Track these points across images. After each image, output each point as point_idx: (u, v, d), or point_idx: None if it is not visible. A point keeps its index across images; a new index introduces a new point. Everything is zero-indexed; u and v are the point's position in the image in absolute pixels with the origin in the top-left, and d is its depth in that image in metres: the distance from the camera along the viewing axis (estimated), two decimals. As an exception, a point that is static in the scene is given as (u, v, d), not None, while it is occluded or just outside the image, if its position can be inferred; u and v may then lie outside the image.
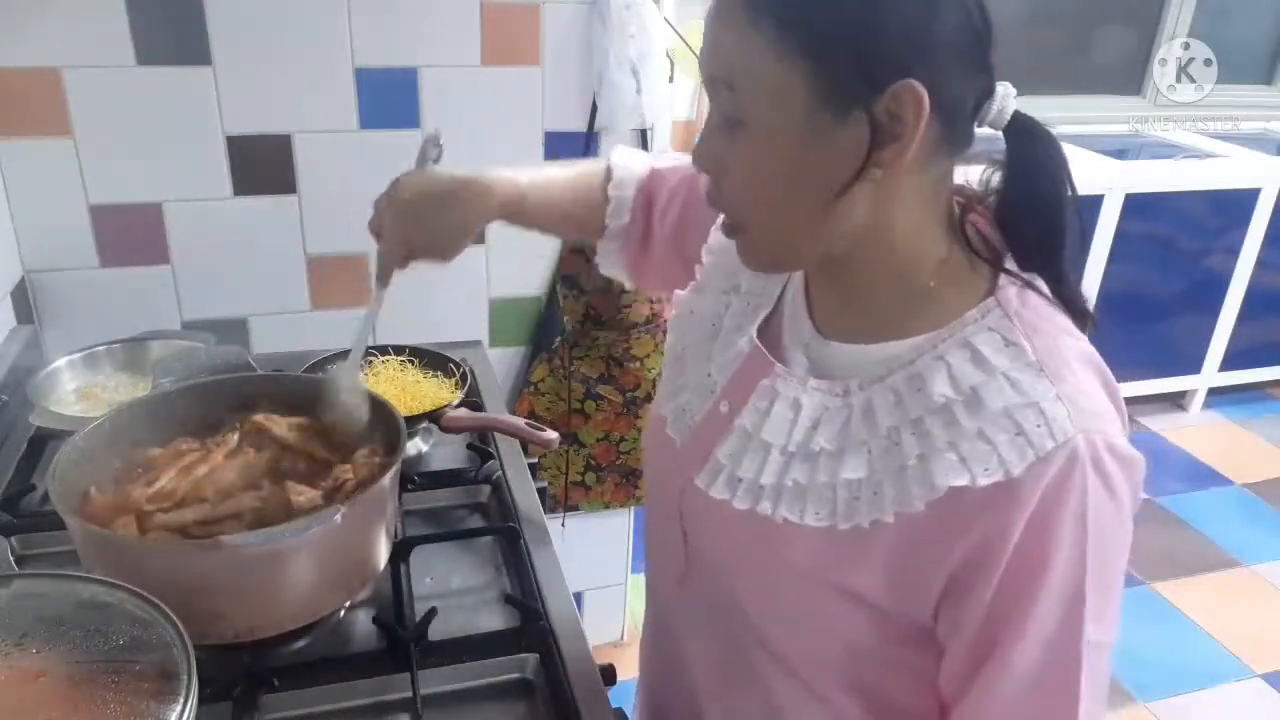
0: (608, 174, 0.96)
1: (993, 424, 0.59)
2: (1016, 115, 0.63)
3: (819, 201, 0.62)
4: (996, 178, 0.67)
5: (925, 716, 0.70)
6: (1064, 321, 0.65)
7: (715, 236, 0.84)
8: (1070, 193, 0.64)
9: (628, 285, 1.05)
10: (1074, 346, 0.63)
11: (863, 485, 0.65)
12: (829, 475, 0.66)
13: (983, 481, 0.59)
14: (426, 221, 0.90)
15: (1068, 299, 0.66)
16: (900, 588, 0.64)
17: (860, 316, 0.69)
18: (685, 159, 0.94)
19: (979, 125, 0.64)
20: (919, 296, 0.66)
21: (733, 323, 0.78)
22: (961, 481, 0.59)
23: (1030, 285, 0.65)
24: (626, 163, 0.97)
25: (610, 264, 1.01)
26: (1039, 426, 0.58)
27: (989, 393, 0.60)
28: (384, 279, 0.94)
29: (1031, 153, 0.64)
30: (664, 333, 1.16)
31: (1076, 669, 0.61)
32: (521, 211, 0.93)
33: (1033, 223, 0.65)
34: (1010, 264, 0.66)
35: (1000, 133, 0.65)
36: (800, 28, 0.58)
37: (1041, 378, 0.60)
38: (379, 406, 0.98)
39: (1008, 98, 0.63)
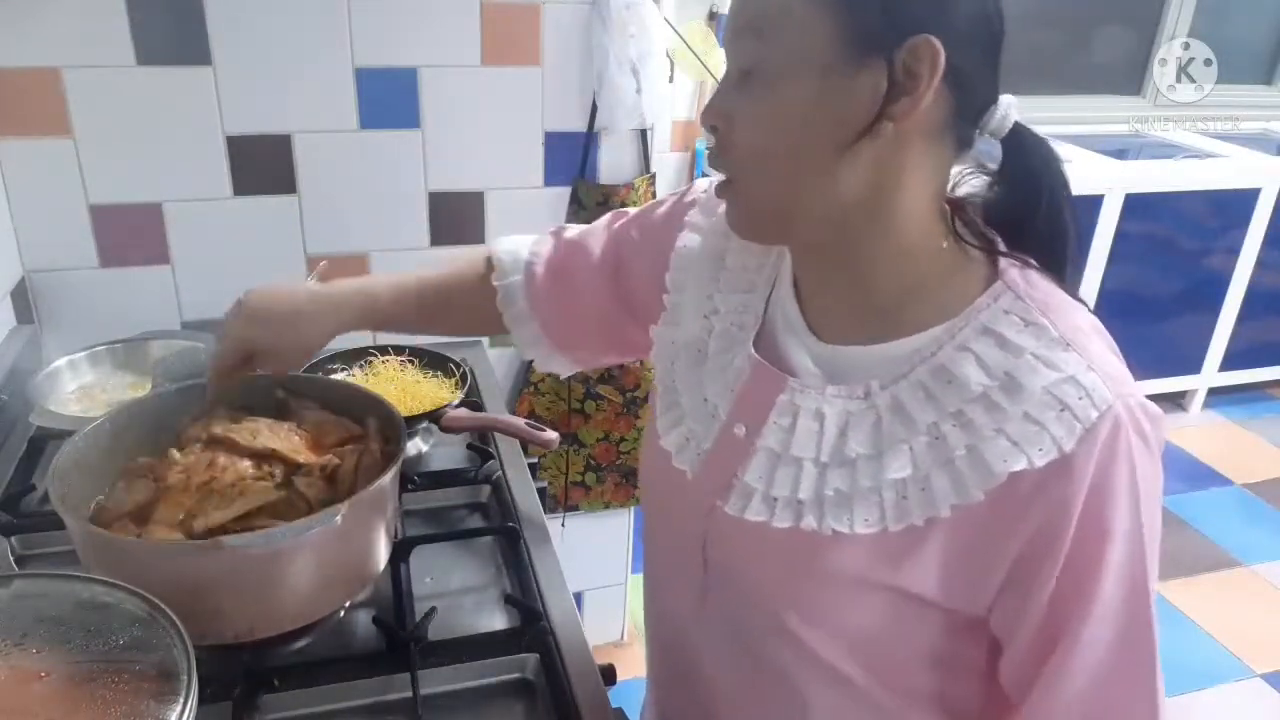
0: (489, 265, 0.95)
1: (1037, 404, 0.60)
2: (1017, 126, 0.64)
3: (826, 152, 0.62)
4: (978, 182, 0.68)
5: (976, 713, 0.71)
6: (1069, 296, 0.66)
7: (675, 266, 0.82)
8: (1068, 197, 0.65)
9: (563, 371, 1.00)
10: (1085, 317, 0.65)
11: (909, 484, 0.64)
12: (872, 479, 0.65)
13: (1040, 462, 0.59)
14: (269, 330, 0.91)
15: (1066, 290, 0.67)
16: (960, 582, 0.64)
17: (859, 314, 0.68)
18: (587, 228, 0.93)
19: (980, 133, 0.64)
20: (918, 287, 0.66)
21: (719, 345, 0.77)
22: (1020, 465, 0.60)
23: (1028, 264, 0.66)
24: (508, 249, 0.95)
25: (534, 350, 0.97)
26: (1080, 399, 0.59)
27: (1024, 374, 0.61)
28: (211, 387, 0.95)
29: (1030, 162, 0.65)
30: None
31: (1151, 634, 0.62)
32: (379, 321, 0.96)
33: (1035, 229, 0.66)
34: (1002, 247, 0.67)
35: (999, 142, 0.65)
36: None
37: (1070, 351, 0.61)
38: (379, 406, 0.98)
39: (1010, 107, 0.64)
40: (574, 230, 0.94)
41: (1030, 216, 0.66)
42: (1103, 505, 0.59)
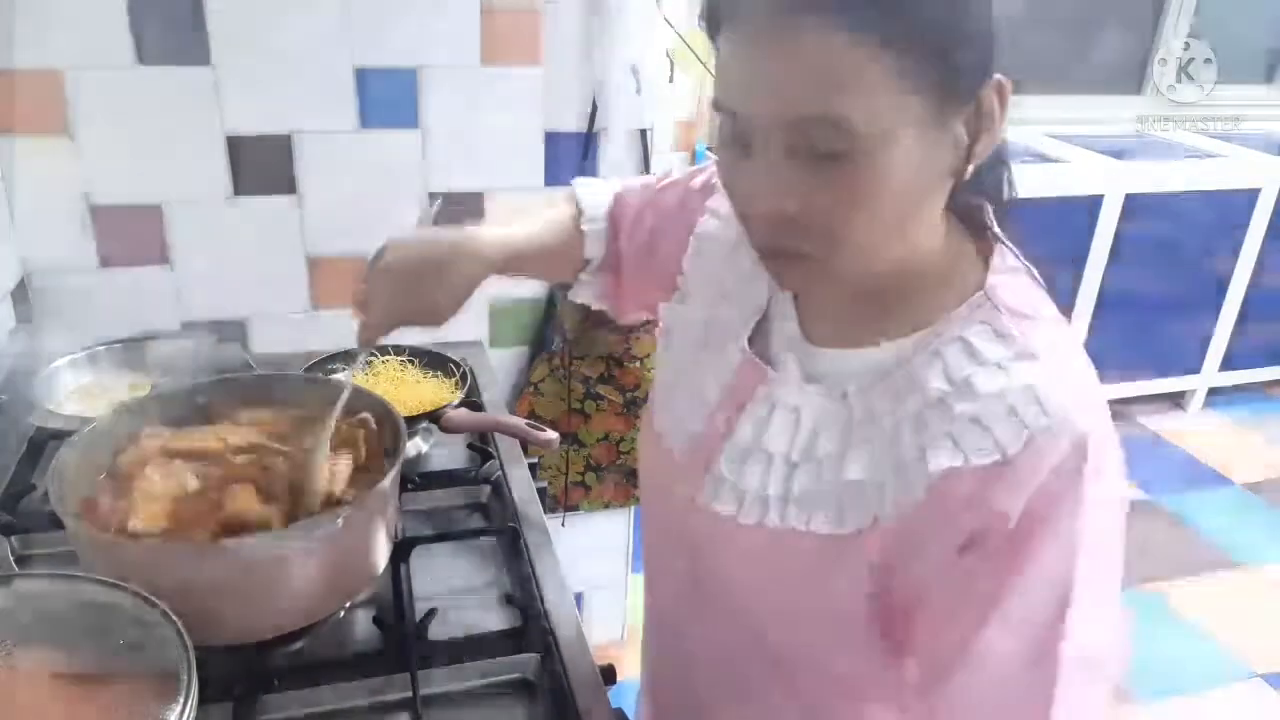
0: (577, 210, 0.94)
1: (986, 409, 0.60)
2: None
3: (935, 207, 0.63)
4: None
5: None
6: (1050, 309, 0.65)
7: (696, 245, 0.83)
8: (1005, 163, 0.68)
9: (611, 316, 1.02)
10: (1061, 333, 0.64)
11: (866, 485, 0.65)
12: (833, 477, 0.66)
13: (976, 461, 0.59)
14: (421, 289, 0.86)
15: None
16: (903, 578, 0.64)
17: (849, 319, 0.69)
18: (644, 179, 0.95)
19: None
20: (912, 295, 0.66)
21: (721, 331, 0.78)
22: (955, 463, 0.60)
23: (1020, 269, 0.66)
24: (591, 194, 0.95)
25: (589, 297, 0.99)
26: (1032, 406, 0.59)
27: (981, 380, 0.61)
28: (364, 345, 0.89)
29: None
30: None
31: (1054, 668, 0.60)
32: (513, 266, 0.92)
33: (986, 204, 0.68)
34: (995, 230, 0.67)
35: None
36: (912, 37, 0.55)
37: (1034, 363, 0.61)
38: (379, 406, 0.98)
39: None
40: (624, 185, 0.95)
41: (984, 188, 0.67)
42: (1039, 517, 0.58)
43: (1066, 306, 3.03)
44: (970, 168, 0.61)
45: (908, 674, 0.68)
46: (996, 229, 0.67)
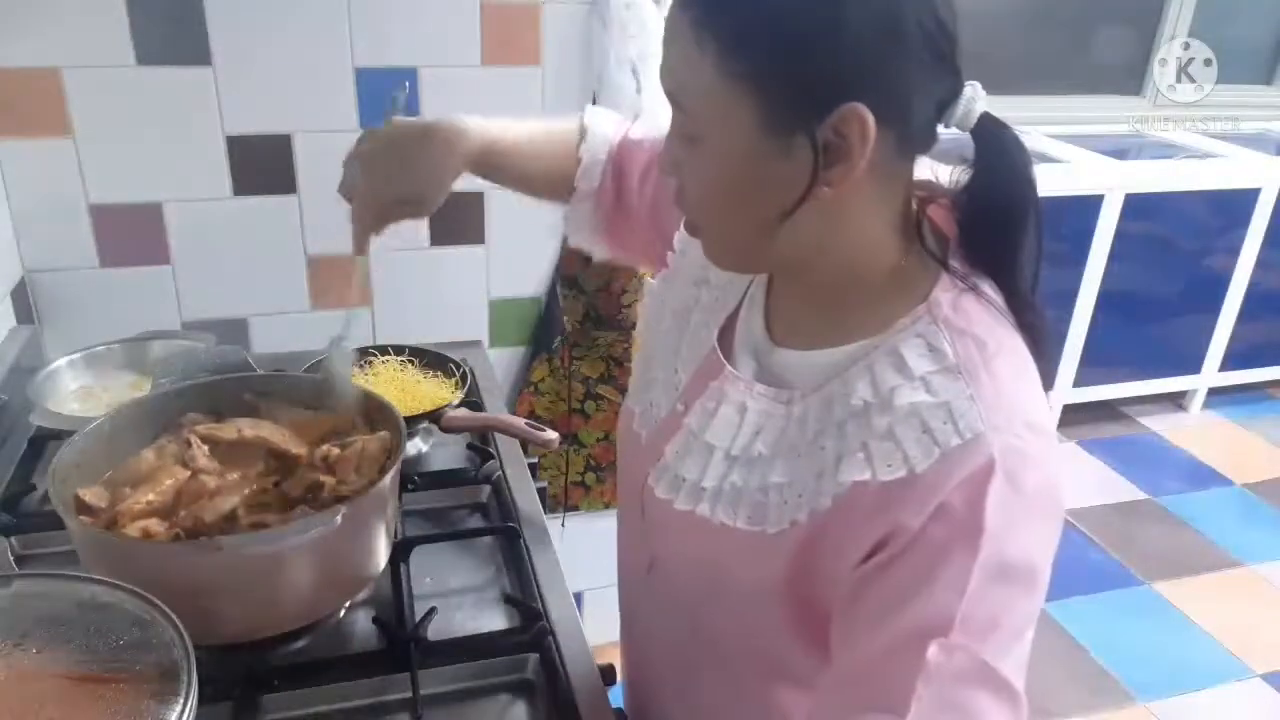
0: (581, 134, 0.94)
1: (902, 423, 0.60)
2: (984, 117, 0.62)
3: (767, 218, 0.63)
4: (965, 176, 0.66)
5: None
6: (996, 328, 0.63)
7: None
8: (1033, 196, 0.63)
9: (595, 254, 1.01)
10: (1001, 351, 0.62)
11: (787, 489, 0.66)
12: (761, 479, 0.68)
13: (884, 477, 0.59)
14: (399, 170, 0.86)
15: (1018, 307, 0.65)
16: (812, 584, 0.65)
17: (809, 322, 0.70)
18: (659, 127, 0.94)
19: (946, 126, 0.63)
20: (866, 302, 0.66)
21: (700, 318, 0.79)
22: (863, 476, 0.60)
23: (973, 288, 0.64)
24: (599, 124, 0.95)
25: (578, 229, 0.98)
26: (945, 424, 0.58)
27: (902, 394, 0.61)
28: (360, 245, 0.89)
29: (997, 155, 0.63)
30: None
31: (918, 666, 0.56)
32: (493, 160, 0.91)
33: (992, 224, 0.64)
34: (956, 263, 0.65)
35: (969, 134, 0.64)
36: (745, 52, 0.57)
37: (958, 379, 0.60)
38: (379, 406, 0.98)
39: (975, 100, 0.61)
40: (640, 129, 0.95)
41: (990, 211, 0.64)
42: (944, 533, 0.57)
43: (1066, 306, 3.03)
44: (829, 191, 0.60)
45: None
46: (955, 263, 0.65)
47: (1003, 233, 0.64)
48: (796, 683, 0.73)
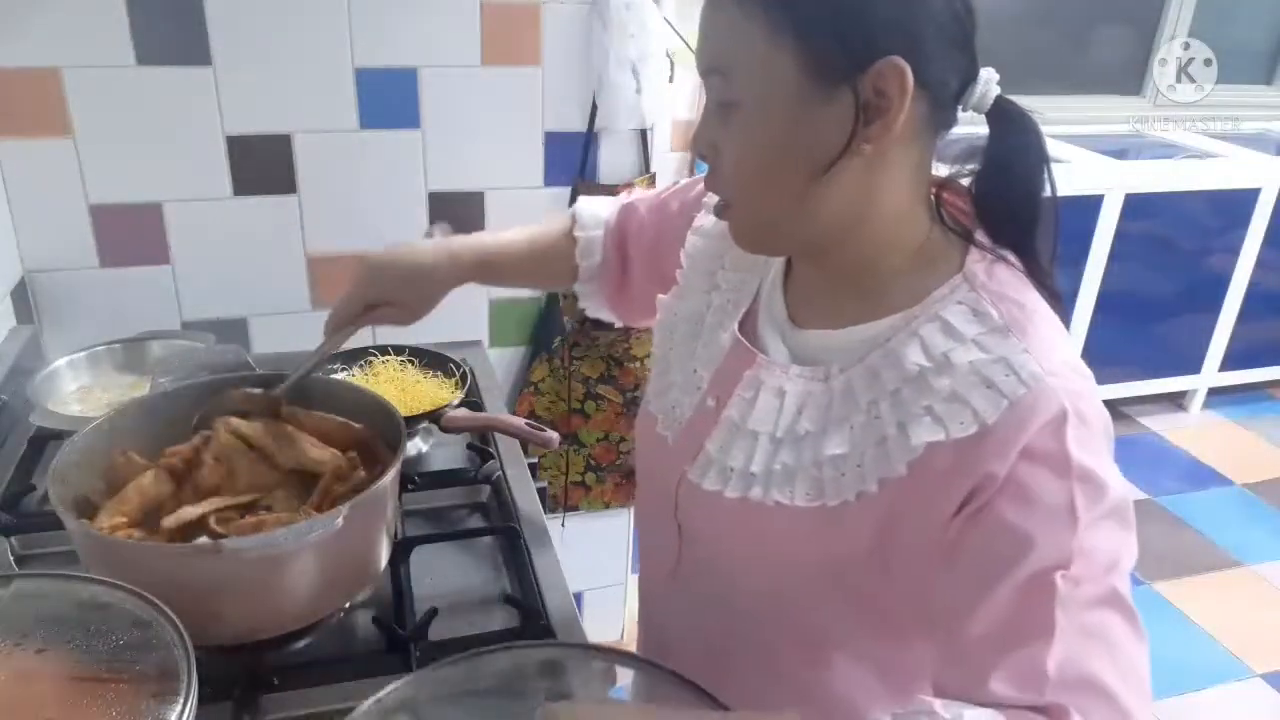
0: (572, 220, 1.01)
1: (964, 381, 0.62)
2: (1000, 100, 0.65)
3: (807, 177, 0.64)
4: (973, 161, 0.68)
5: (915, 671, 0.71)
6: (1029, 291, 0.66)
7: (692, 241, 0.86)
8: (1048, 178, 0.66)
9: (616, 324, 1.09)
10: (1038, 310, 0.65)
11: (847, 460, 0.67)
12: (814, 454, 0.68)
13: (957, 434, 0.61)
14: (393, 282, 0.96)
15: (1039, 279, 0.68)
16: (894, 547, 0.66)
17: (832, 303, 0.71)
18: (651, 193, 0.99)
19: (963, 109, 0.65)
20: (894, 278, 0.68)
21: (714, 320, 0.80)
22: (936, 437, 0.62)
23: (1000, 258, 0.67)
24: (590, 208, 1.02)
25: (594, 305, 1.06)
26: (1007, 376, 0.61)
27: (958, 355, 0.63)
28: (330, 332, 0.96)
29: (1013, 137, 0.65)
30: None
31: (1051, 601, 0.58)
32: (489, 277, 1.01)
33: (1009, 204, 0.66)
34: (981, 239, 0.67)
35: (984, 117, 0.66)
36: (788, 8, 0.60)
37: (1008, 337, 0.62)
38: (379, 406, 0.98)
39: (991, 82, 0.64)
40: (635, 194, 1.00)
41: (1008, 190, 0.66)
42: (1035, 473, 0.59)
43: (1066, 306, 3.03)
44: (868, 148, 0.62)
45: (879, 629, 0.71)
46: (980, 237, 0.68)
47: (1022, 208, 0.66)
48: (840, 648, 0.74)
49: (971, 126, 0.68)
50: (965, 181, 0.69)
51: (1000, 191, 0.66)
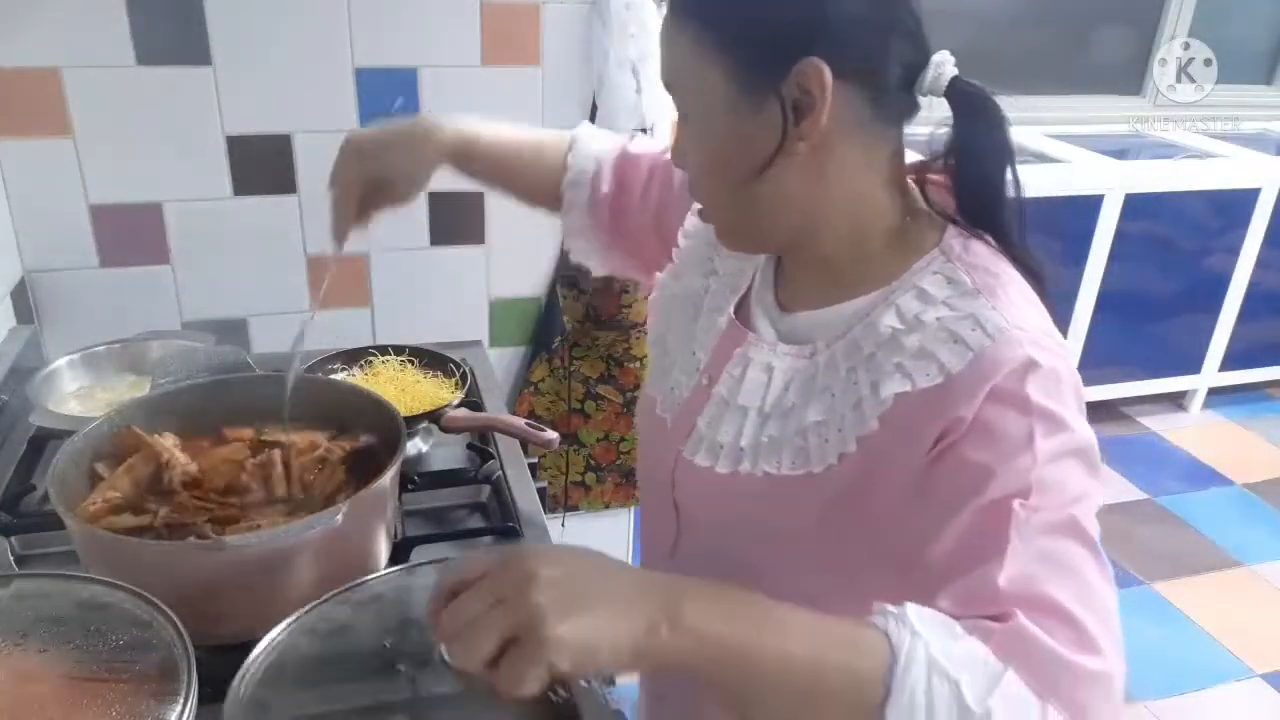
0: (570, 144, 0.99)
1: (932, 338, 0.64)
2: (956, 81, 0.66)
3: (752, 179, 0.67)
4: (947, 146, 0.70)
5: None
6: (1004, 264, 0.68)
7: (691, 221, 0.88)
8: (1010, 156, 0.67)
9: (594, 269, 1.06)
10: (1013, 280, 0.67)
11: (828, 426, 0.69)
12: (798, 424, 0.70)
13: (923, 385, 0.63)
14: (378, 155, 0.94)
15: (1017, 257, 0.69)
16: (873, 503, 0.67)
17: (817, 287, 0.73)
18: (655, 143, 0.99)
19: (920, 93, 0.67)
20: (874, 258, 0.70)
21: (712, 303, 0.82)
22: (904, 388, 0.64)
23: (978, 236, 0.69)
24: (589, 137, 1.00)
25: (575, 240, 1.02)
26: (973, 330, 0.63)
27: (928, 315, 0.65)
28: (340, 231, 0.94)
29: (973, 117, 0.67)
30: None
31: (1007, 523, 0.59)
32: (473, 154, 0.96)
33: (974, 183, 0.68)
34: (960, 219, 0.70)
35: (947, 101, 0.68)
36: (711, 28, 0.65)
37: (979, 298, 0.65)
38: (379, 406, 0.98)
39: (944, 65, 0.66)
40: (639, 145, 1.00)
41: (973, 169, 0.68)
42: (1000, 412, 0.60)
43: (1066, 306, 3.03)
44: (803, 145, 0.65)
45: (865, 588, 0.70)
46: (959, 219, 0.70)
47: (986, 186, 0.68)
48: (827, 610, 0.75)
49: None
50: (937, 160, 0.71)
51: (967, 171, 0.68)
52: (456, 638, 0.53)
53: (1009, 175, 0.67)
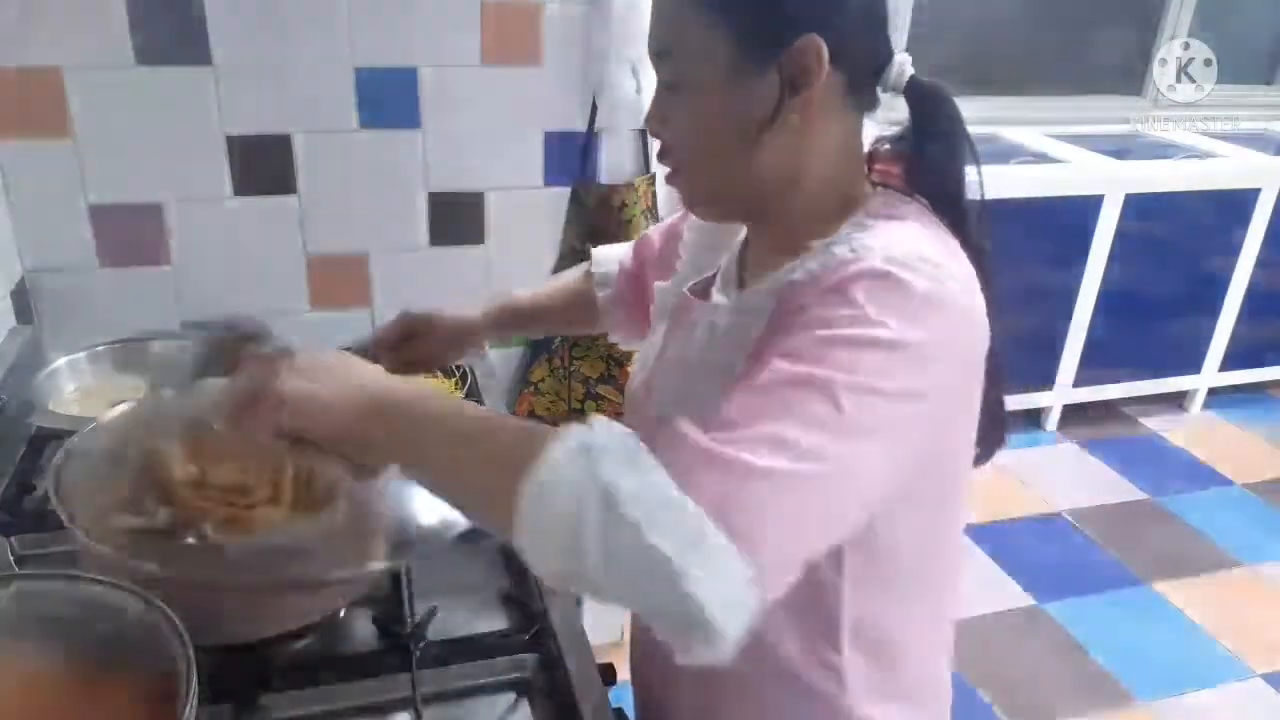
0: (590, 261, 1.11)
1: (815, 262, 0.68)
2: (914, 80, 0.72)
3: (744, 145, 0.71)
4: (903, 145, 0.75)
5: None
6: (921, 213, 0.72)
7: (687, 234, 0.92)
8: (967, 144, 0.72)
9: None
10: (916, 221, 0.70)
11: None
12: (727, 377, 0.68)
13: (786, 279, 0.69)
14: (420, 340, 1.11)
15: (964, 233, 0.72)
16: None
17: (768, 255, 0.77)
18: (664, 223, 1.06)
19: (883, 89, 0.73)
20: (825, 233, 0.72)
21: (676, 285, 0.88)
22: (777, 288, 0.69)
23: (912, 199, 0.73)
24: (604, 250, 1.11)
25: (622, 333, 1.13)
26: (845, 250, 0.66)
27: (818, 247, 0.70)
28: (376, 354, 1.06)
29: (930, 110, 0.72)
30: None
31: (766, 373, 0.60)
32: (512, 319, 1.15)
33: (935, 172, 0.73)
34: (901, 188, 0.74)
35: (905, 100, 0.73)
36: None
37: (866, 230, 0.68)
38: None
39: (905, 64, 0.72)
40: (651, 230, 1.07)
41: (931, 158, 0.73)
42: (818, 306, 0.62)
43: (1066, 306, 3.04)
44: (795, 118, 0.69)
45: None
46: (916, 195, 0.74)
47: (946, 174, 0.73)
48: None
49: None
50: (889, 149, 0.76)
51: (925, 160, 0.73)
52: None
53: (966, 164, 0.72)
